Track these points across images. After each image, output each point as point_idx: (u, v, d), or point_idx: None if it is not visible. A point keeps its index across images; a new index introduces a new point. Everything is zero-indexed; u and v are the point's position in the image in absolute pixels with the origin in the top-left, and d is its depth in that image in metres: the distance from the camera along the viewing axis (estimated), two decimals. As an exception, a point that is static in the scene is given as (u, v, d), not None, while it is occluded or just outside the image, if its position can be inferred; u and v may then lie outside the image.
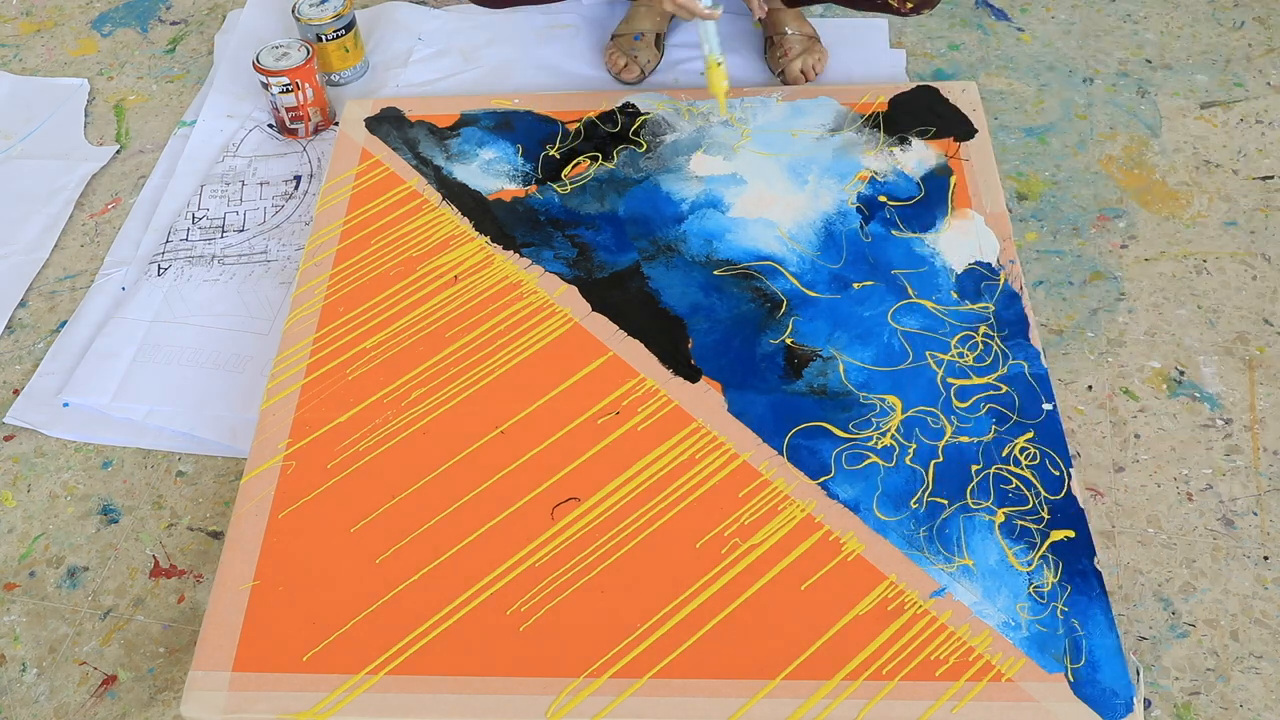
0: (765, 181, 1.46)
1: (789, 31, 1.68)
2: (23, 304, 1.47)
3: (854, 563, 1.07)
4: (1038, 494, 1.11)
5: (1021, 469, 1.13)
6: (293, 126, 1.64)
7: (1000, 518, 1.09)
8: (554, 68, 1.74)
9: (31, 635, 1.13)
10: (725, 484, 1.14)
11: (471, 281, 1.37)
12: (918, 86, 1.59)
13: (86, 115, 1.76)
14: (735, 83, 1.56)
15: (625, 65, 1.68)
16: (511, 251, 1.40)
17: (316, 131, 1.65)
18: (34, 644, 1.12)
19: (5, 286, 1.48)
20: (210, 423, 1.29)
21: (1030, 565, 1.06)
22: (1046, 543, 1.07)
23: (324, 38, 1.67)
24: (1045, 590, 1.04)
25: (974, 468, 1.14)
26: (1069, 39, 1.74)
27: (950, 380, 1.21)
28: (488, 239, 1.42)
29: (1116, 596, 1.09)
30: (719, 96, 1.45)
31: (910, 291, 1.31)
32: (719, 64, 1.42)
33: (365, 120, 1.60)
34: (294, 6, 1.68)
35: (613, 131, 1.55)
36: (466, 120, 1.59)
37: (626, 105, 1.59)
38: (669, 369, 1.25)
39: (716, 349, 1.27)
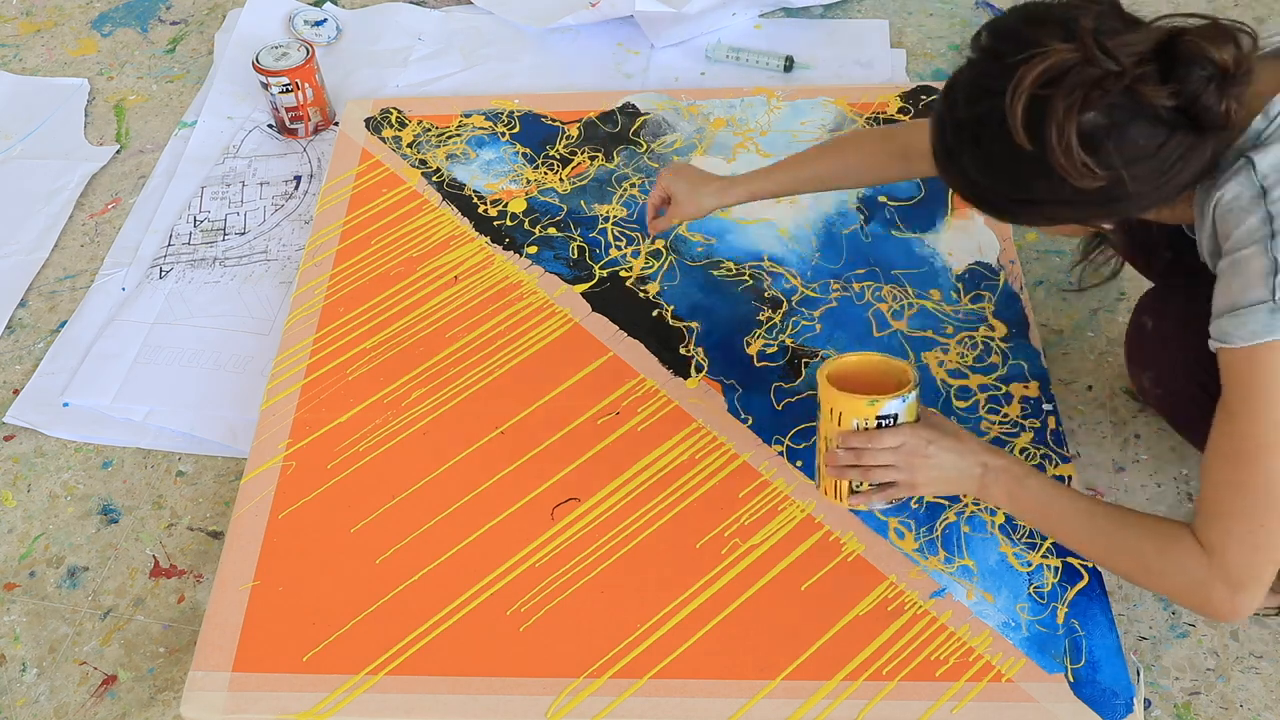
0: (765, 181, 1.46)
1: None
2: (23, 304, 1.47)
3: (854, 563, 1.07)
4: (1038, 494, 1.11)
5: (1021, 469, 1.13)
6: (292, 126, 1.64)
7: (1000, 518, 1.09)
8: (554, 68, 1.74)
9: (31, 635, 1.13)
10: (725, 484, 1.14)
11: (471, 281, 1.37)
12: (918, 86, 1.59)
13: (86, 115, 1.76)
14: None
15: None
16: (511, 251, 1.40)
17: (316, 131, 1.65)
18: (34, 644, 1.12)
19: (5, 286, 1.48)
20: (210, 423, 1.29)
21: (1030, 565, 1.06)
22: (1047, 543, 1.07)
23: None
24: (1045, 590, 1.04)
25: (974, 468, 1.13)
26: (1069, 39, 1.74)
27: (950, 380, 1.21)
28: (488, 239, 1.42)
29: (1116, 596, 1.08)
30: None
31: (910, 291, 1.31)
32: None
33: (365, 120, 1.60)
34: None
35: (613, 131, 1.55)
36: (466, 120, 1.59)
37: (626, 105, 1.59)
38: (669, 369, 1.25)
39: (716, 349, 1.27)
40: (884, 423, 0.96)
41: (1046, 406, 1.18)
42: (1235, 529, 0.83)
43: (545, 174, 1.50)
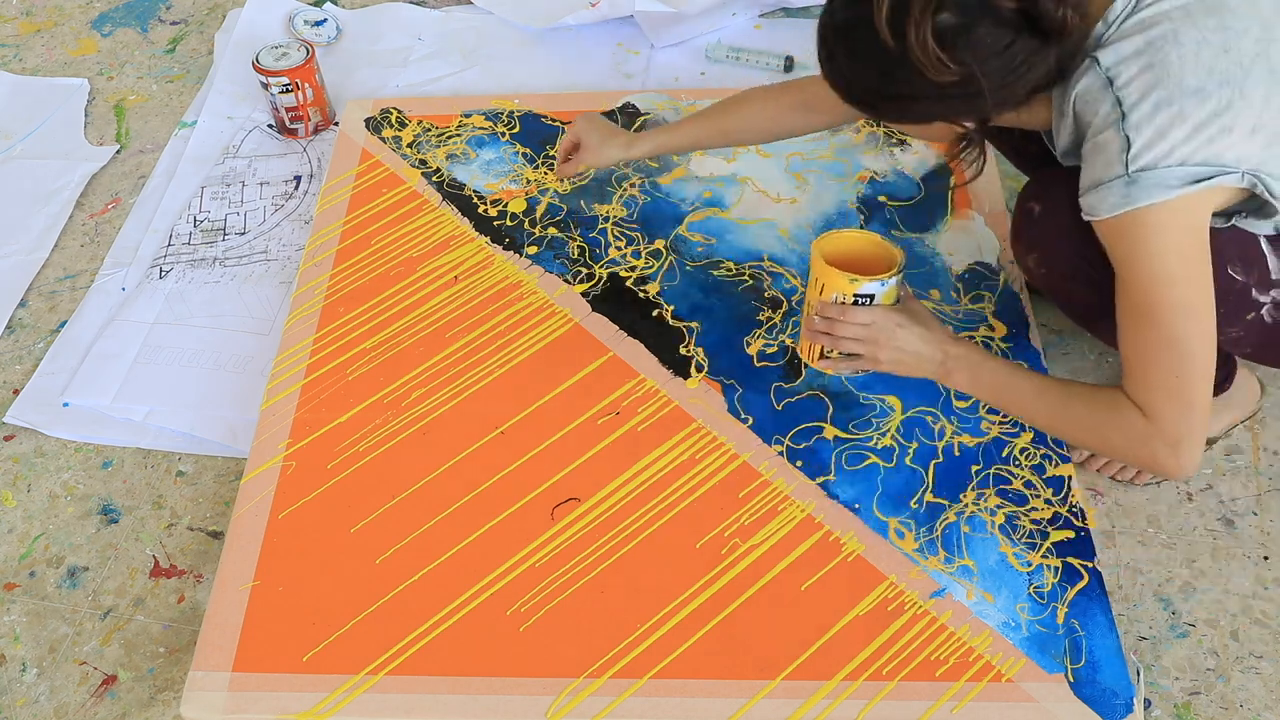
0: (765, 182, 1.46)
1: None
2: (23, 304, 1.47)
3: (854, 563, 1.07)
4: (1038, 494, 1.11)
5: (1022, 469, 1.13)
6: (292, 126, 1.64)
7: (1000, 518, 1.09)
8: (554, 68, 1.74)
9: (31, 635, 1.13)
10: (725, 484, 1.14)
11: (471, 281, 1.37)
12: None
13: (86, 115, 1.76)
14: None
15: None
16: (511, 251, 1.40)
17: (316, 131, 1.65)
18: (34, 644, 1.12)
19: (5, 286, 1.48)
20: (210, 423, 1.29)
21: (1030, 565, 1.06)
22: (1046, 543, 1.07)
23: None
24: (1045, 590, 1.04)
25: (974, 468, 1.14)
26: (1069, 39, 1.74)
27: (950, 380, 1.21)
28: (488, 239, 1.42)
29: (1116, 596, 1.08)
30: None
31: (910, 291, 1.30)
32: None
33: (365, 120, 1.60)
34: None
35: (613, 131, 1.55)
36: (466, 120, 1.59)
37: (627, 105, 1.59)
38: (669, 369, 1.25)
39: (716, 349, 1.27)
40: (861, 301, 1.07)
41: (1046, 406, 1.18)
42: (1159, 387, 0.93)
43: (545, 174, 1.50)
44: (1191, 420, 0.93)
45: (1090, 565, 1.05)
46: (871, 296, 1.06)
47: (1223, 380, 1.14)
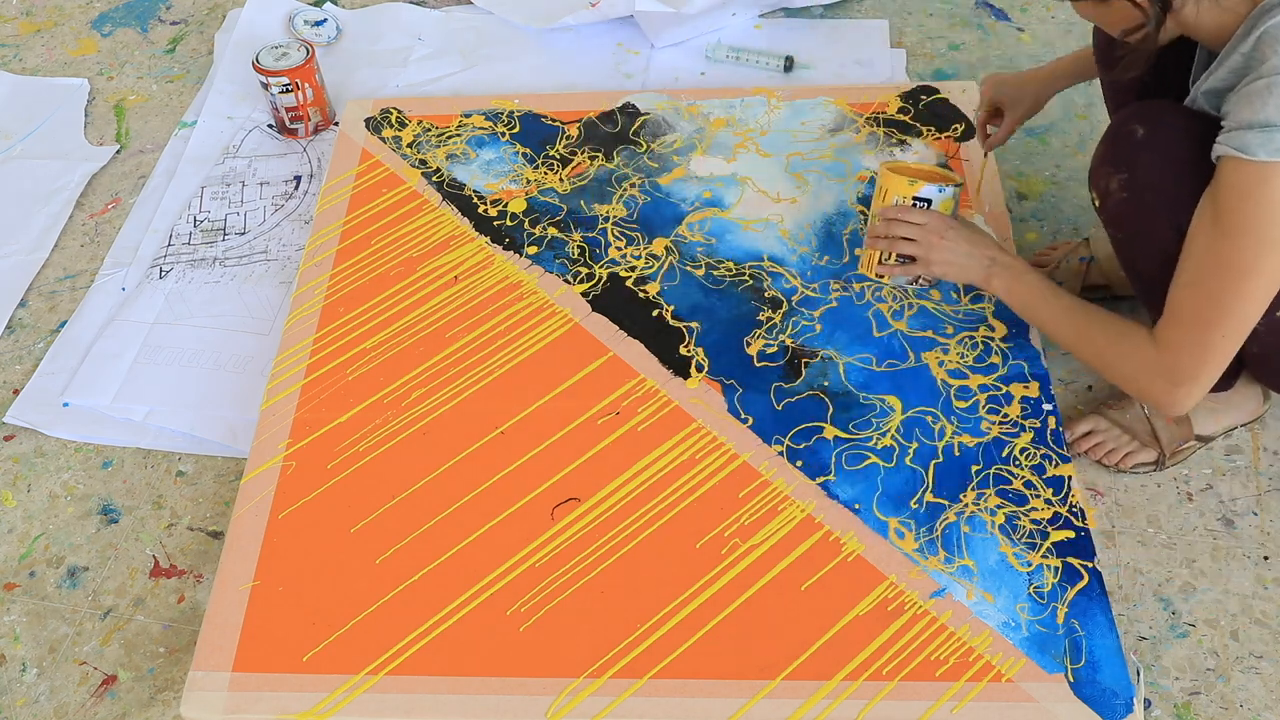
0: (765, 182, 1.46)
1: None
2: (23, 304, 1.47)
3: (854, 563, 1.07)
4: (1038, 494, 1.11)
5: (1022, 469, 1.13)
6: (292, 126, 1.64)
7: (1000, 518, 1.09)
8: (554, 68, 1.74)
9: (31, 635, 1.13)
10: (725, 484, 1.14)
11: (471, 281, 1.37)
12: (918, 86, 1.59)
13: (86, 115, 1.76)
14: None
15: None
16: (511, 252, 1.40)
17: (316, 131, 1.65)
18: (34, 644, 1.12)
19: (5, 286, 1.48)
20: (210, 423, 1.29)
21: (1030, 565, 1.06)
22: (1047, 543, 1.07)
23: None
24: (1045, 590, 1.04)
25: (974, 468, 1.14)
26: (1069, 38, 1.74)
27: (950, 380, 1.21)
28: (488, 239, 1.42)
29: (1116, 596, 1.08)
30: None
31: (910, 291, 1.31)
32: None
33: (365, 120, 1.60)
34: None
35: (613, 131, 1.55)
36: (466, 120, 1.59)
37: (626, 105, 1.59)
38: (669, 369, 1.25)
39: (716, 349, 1.27)
40: (918, 204, 1.15)
41: (1046, 407, 1.18)
42: (1192, 334, 0.94)
43: (545, 174, 1.50)
44: (1204, 370, 0.96)
45: (1090, 565, 1.05)
46: (929, 201, 1.15)
47: (1227, 379, 1.14)
